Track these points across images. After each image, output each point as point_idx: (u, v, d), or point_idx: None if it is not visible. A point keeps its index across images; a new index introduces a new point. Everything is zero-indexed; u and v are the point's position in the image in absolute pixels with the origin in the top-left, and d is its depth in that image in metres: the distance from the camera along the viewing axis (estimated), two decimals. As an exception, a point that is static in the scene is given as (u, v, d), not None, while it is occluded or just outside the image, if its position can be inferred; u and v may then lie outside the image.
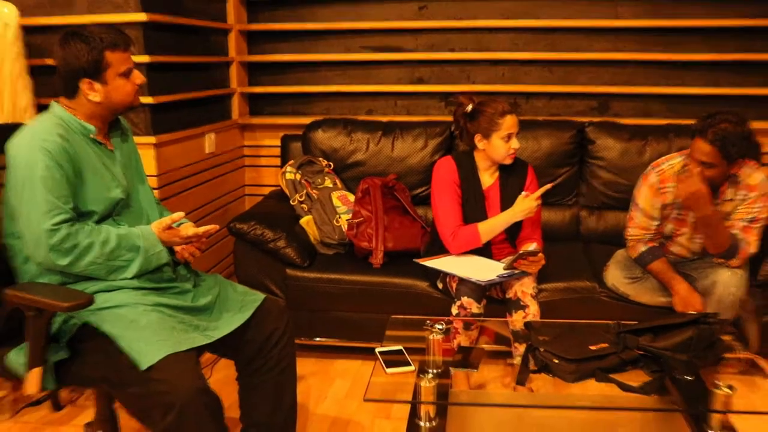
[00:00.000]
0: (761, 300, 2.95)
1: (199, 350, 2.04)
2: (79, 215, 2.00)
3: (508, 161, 2.92)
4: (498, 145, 2.88)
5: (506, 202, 2.96)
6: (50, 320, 1.92)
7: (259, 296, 2.28)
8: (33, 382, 1.92)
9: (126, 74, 2.06)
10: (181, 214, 2.12)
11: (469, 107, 2.92)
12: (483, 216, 2.94)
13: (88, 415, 2.60)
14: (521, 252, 2.69)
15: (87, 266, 1.96)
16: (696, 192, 2.63)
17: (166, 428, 1.80)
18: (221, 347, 2.17)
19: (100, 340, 1.92)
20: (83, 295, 1.90)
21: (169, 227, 2.10)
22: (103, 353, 1.92)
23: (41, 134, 1.94)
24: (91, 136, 2.07)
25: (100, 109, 2.07)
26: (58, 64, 2.03)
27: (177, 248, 2.21)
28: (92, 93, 2.02)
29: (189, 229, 2.14)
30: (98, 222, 2.05)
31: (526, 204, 2.78)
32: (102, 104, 2.05)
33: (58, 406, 2.84)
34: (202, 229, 2.13)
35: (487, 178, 3.00)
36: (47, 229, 1.88)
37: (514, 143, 2.87)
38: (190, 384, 1.80)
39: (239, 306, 2.21)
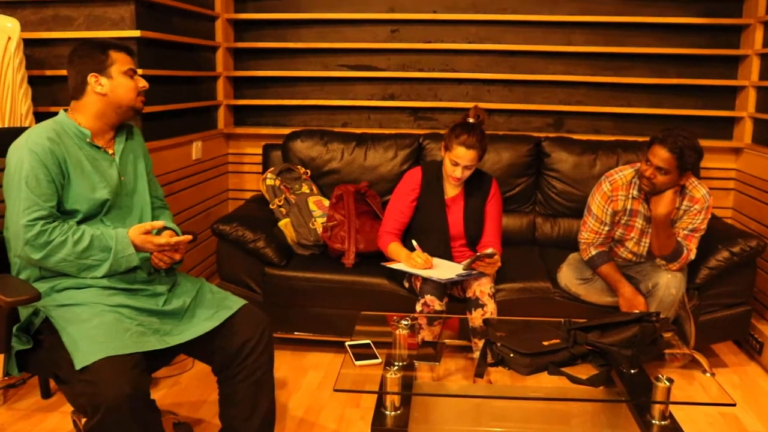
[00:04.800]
0: (698, 301, 2.95)
1: (172, 352, 1.97)
2: (64, 213, 1.97)
3: (450, 181, 2.89)
4: (446, 164, 2.85)
5: (469, 213, 2.93)
6: (10, 312, 1.87)
7: (236, 304, 2.10)
8: None
9: (129, 74, 2.07)
10: (161, 222, 2.06)
11: (469, 120, 2.86)
12: (443, 223, 2.92)
13: (75, 402, 2.51)
14: (478, 254, 2.66)
15: (58, 262, 1.92)
16: (666, 193, 2.67)
17: (92, 428, 1.70)
18: (194, 351, 2.07)
19: (57, 335, 1.85)
20: (29, 290, 1.83)
21: (147, 232, 2.00)
22: (56, 348, 1.84)
23: (33, 138, 1.94)
24: (87, 140, 2.04)
25: (104, 105, 2.04)
26: (69, 64, 2.05)
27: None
28: (98, 86, 2.02)
29: (163, 237, 2.03)
30: (84, 221, 2.00)
31: (415, 257, 2.75)
32: (107, 97, 2.04)
33: (47, 394, 2.75)
34: (173, 240, 2.03)
35: (452, 188, 2.95)
36: (24, 224, 1.87)
37: (458, 172, 2.80)
38: (118, 390, 1.67)
39: (212, 313, 2.05)
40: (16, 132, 2.02)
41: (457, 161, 2.78)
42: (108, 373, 1.69)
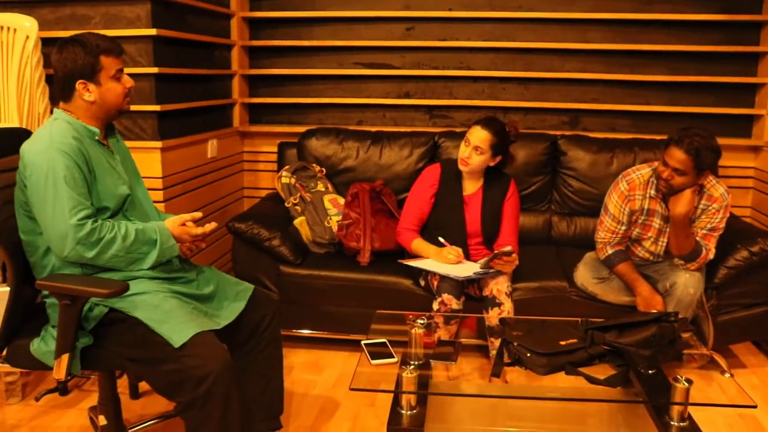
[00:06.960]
0: (716, 301, 2.93)
1: None
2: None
3: (460, 166, 2.89)
4: (461, 147, 2.87)
5: (486, 210, 2.93)
6: (81, 308, 1.90)
7: (250, 286, 2.31)
8: (62, 367, 1.90)
9: (117, 77, 2.05)
10: (199, 214, 2.16)
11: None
12: (461, 219, 2.91)
13: (93, 399, 2.53)
14: (496, 252, 2.66)
15: (110, 258, 1.96)
16: (685, 192, 2.65)
17: (196, 398, 1.84)
18: (220, 333, 2.13)
19: (127, 324, 1.93)
20: (119, 282, 1.90)
21: (183, 224, 2.11)
22: (131, 336, 1.93)
23: (58, 138, 1.93)
24: (96, 138, 2.05)
25: (94, 110, 2.04)
26: (56, 67, 2.01)
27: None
28: (87, 93, 2.01)
29: (198, 228, 2.14)
30: (111, 217, 2.03)
31: (447, 254, 2.77)
32: (96, 104, 2.03)
33: (65, 391, 2.77)
34: (208, 228, 2.15)
35: (471, 186, 2.95)
36: (74, 224, 1.88)
37: (466, 152, 2.83)
38: (221, 358, 1.86)
39: (234, 295, 2.23)
40: (28, 133, 2.01)
41: (469, 138, 2.80)
42: (207, 346, 1.87)
